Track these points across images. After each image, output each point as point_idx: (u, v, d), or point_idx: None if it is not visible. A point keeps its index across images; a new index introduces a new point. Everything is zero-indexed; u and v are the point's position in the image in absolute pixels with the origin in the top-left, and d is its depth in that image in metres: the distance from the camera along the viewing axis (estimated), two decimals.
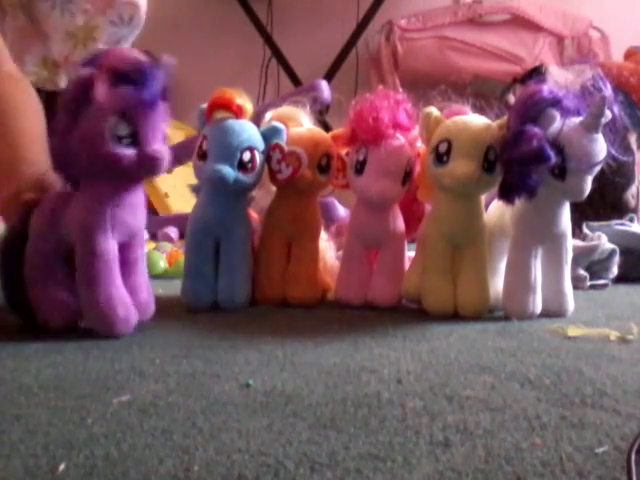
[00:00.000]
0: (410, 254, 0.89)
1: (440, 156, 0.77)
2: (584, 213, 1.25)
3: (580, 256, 1.10)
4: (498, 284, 0.82)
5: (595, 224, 1.28)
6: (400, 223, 0.87)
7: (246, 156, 0.80)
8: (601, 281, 1.13)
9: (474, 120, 0.78)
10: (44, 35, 0.63)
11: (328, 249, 0.97)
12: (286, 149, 0.83)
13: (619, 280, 1.18)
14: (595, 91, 0.73)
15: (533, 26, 2.37)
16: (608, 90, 0.72)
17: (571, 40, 2.37)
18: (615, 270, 1.16)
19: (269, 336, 0.67)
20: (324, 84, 1.96)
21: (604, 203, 1.48)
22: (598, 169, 0.74)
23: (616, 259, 1.16)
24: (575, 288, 0.84)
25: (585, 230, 1.25)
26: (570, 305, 0.81)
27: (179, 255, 1.16)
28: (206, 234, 0.83)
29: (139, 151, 0.61)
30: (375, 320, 0.78)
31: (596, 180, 0.74)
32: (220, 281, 0.83)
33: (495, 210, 0.85)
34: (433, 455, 0.36)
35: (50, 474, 0.33)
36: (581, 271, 1.10)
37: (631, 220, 1.37)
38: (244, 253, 0.85)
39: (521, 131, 0.71)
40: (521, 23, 2.38)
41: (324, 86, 1.95)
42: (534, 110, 0.72)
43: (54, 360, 0.56)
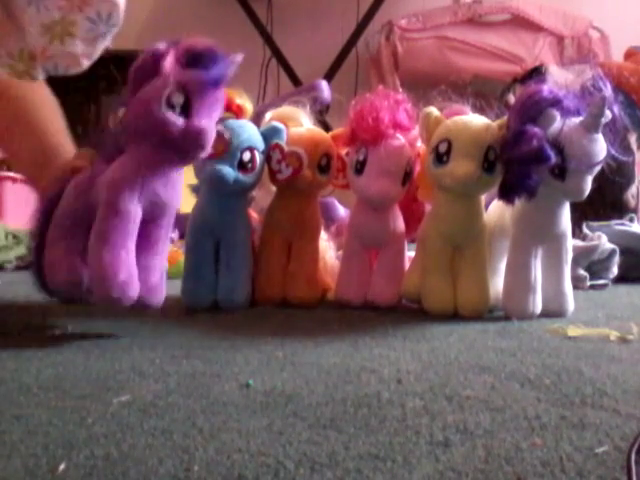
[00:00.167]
0: (410, 254, 0.89)
1: (440, 156, 0.77)
2: (584, 213, 1.24)
3: (580, 256, 1.10)
4: (498, 284, 0.82)
5: (595, 224, 1.28)
6: (400, 223, 0.87)
7: (246, 156, 0.80)
8: (601, 281, 1.13)
9: (474, 120, 0.78)
10: (20, 28, 0.63)
11: (328, 249, 0.97)
12: (286, 149, 0.83)
13: (619, 280, 1.18)
14: (595, 91, 0.73)
15: (533, 26, 2.37)
16: (608, 90, 0.72)
17: (571, 40, 2.37)
18: (615, 270, 1.16)
19: (269, 336, 0.67)
20: (324, 84, 1.96)
21: (604, 203, 1.48)
22: (598, 169, 0.74)
23: (616, 259, 1.16)
24: (575, 288, 0.85)
25: (585, 230, 1.25)
26: (570, 305, 0.81)
27: (179, 255, 1.16)
28: (206, 234, 0.83)
29: (187, 122, 0.62)
30: (375, 320, 0.78)
31: (596, 180, 0.74)
32: (220, 281, 0.83)
33: (495, 210, 0.85)
34: (433, 455, 0.36)
35: (50, 474, 0.33)
36: (581, 271, 1.10)
37: (631, 220, 1.37)
38: (244, 253, 0.85)
39: (521, 131, 0.71)
40: (521, 23, 2.38)
41: (324, 86, 1.95)
42: (534, 110, 0.72)
43: (54, 360, 0.56)
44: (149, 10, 2.69)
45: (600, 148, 0.72)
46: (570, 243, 0.80)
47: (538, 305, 0.79)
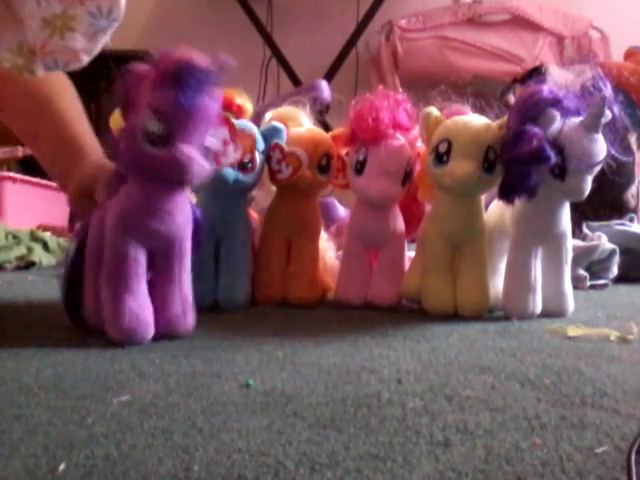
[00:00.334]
0: (410, 254, 0.89)
1: (440, 156, 0.77)
2: (584, 213, 1.25)
3: (580, 256, 1.10)
4: (498, 284, 0.82)
5: (595, 224, 1.28)
6: (400, 223, 0.87)
7: (246, 156, 0.80)
8: (601, 281, 1.13)
9: (474, 120, 0.78)
10: (19, 21, 0.62)
11: (328, 249, 0.97)
12: (286, 149, 0.83)
13: (619, 280, 1.18)
14: (595, 91, 0.73)
15: (533, 26, 2.37)
16: (608, 90, 0.72)
17: (571, 40, 2.37)
18: (615, 270, 1.16)
19: (269, 336, 0.67)
20: (324, 84, 1.96)
21: (604, 203, 1.48)
22: (598, 169, 0.74)
23: (616, 259, 1.16)
24: (575, 288, 0.85)
25: (585, 230, 1.25)
26: (570, 305, 0.81)
27: None
28: (206, 234, 0.83)
29: (166, 151, 0.59)
30: (375, 320, 0.78)
31: (596, 180, 0.74)
32: (220, 281, 0.83)
33: (495, 210, 0.85)
34: (433, 455, 0.36)
35: (50, 474, 0.33)
36: (581, 271, 1.10)
37: (631, 220, 1.38)
38: (244, 253, 0.85)
39: (521, 131, 0.71)
40: (521, 23, 2.38)
41: (324, 86, 1.95)
42: (534, 110, 0.72)
43: (54, 360, 0.56)
44: (149, 10, 2.69)
45: (600, 148, 0.72)
46: (570, 243, 0.80)
47: (538, 305, 0.79)
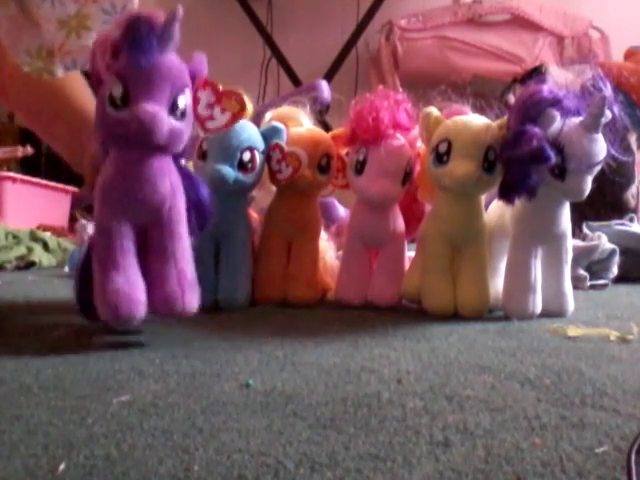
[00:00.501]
0: (410, 254, 0.89)
1: (440, 156, 0.77)
2: (584, 213, 1.25)
3: (580, 256, 1.10)
4: (498, 284, 0.82)
5: (595, 224, 1.28)
6: (400, 223, 0.87)
7: (246, 156, 0.80)
8: (601, 281, 1.13)
9: (474, 120, 0.78)
10: (36, 24, 0.62)
11: (328, 249, 0.97)
12: (286, 149, 0.83)
13: (619, 280, 1.18)
14: (595, 91, 0.73)
15: (533, 26, 2.37)
16: (608, 90, 0.72)
17: (571, 40, 2.37)
18: (615, 270, 1.16)
19: (269, 336, 0.67)
20: (324, 84, 1.97)
21: (604, 203, 1.49)
22: (598, 169, 0.74)
23: (616, 259, 1.16)
24: (575, 288, 0.84)
25: (585, 230, 1.25)
26: (570, 305, 0.81)
27: None
28: (206, 234, 0.83)
29: (128, 112, 0.57)
30: (375, 320, 0.78)
31: (596, 180, 0.74)
32: (220, 281, 0.83)
33: (495, 210, 0.85)
34: (433, 455, 0.36)
35: (50, 474, 0.33)
36: (581, 271, 1.10)
37: (631, 220, 1.38)
38: (244, 253, 0.85)
39: (521, 131, 0.71)
40: (521, 23, 2.38)
41: (324, 86, 1.95)
42: (534, 110, 0.72)
43: (54, 360, 0.56)
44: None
45: (600, 148, 0.72)
46: (570, 243, 0.80)
47: (538, 305, 0.79)
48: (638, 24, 2.36)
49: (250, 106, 0.83)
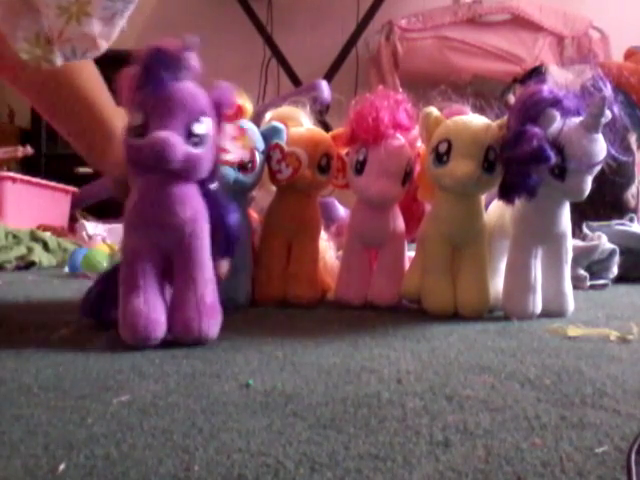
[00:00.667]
0: (410, 254, 0.89)
1: (440, 156, 0.77)
2: (584, 213, 1.25)
3: (580, 256, 1.10)
4: (498, 284, 0.82)
5: (595, 224, 1.29)
6: (400, 223, 0.87)
7: (247, 157, 0.80)
8: (601, 281, 1.13)
9: (474, 120, 0.78)
10: (35, 10, 0.62)
11: (328, 249, 0.97)
12: (286, 149, 0.83)
13: (619, 280, 1.18)
14: (595, 91, 0.73)
15: (533, 26, 2.37)
16: (608, 90, 0.72)
17: (571, 40, 2.37)
18: (615, 270, 1.16)
19: (269, 336, 0.67)
20: (324, 84, 1.96)
21: (604, 203, 1.49)
22: (598, 169, 0.74)
23: (616, 259, 1.16)
24: (575, 288, 0.84)
25: (585, 230, 1.25)
26: (570, 305, 0.81)
27: None
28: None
29: (144, 140, 0.58)
30: (375, 320, 0.78)
31: (596, 180, 0.74)
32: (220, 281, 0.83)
33: (495, 210, 0.85)
34: (433, 455, 0.36)
35: (50, 474, 0.33)
36: (581, 271, 1.10)
37: (631, 220, 1.38)
38: (244, 253, 0.85)
39: (521, 131, 0.71)
40: (521, 23, 2.38)
41: (324, 86, 1.95)
42: (534, 110, 0.72)
43: (54, 360, 0.56)
44: (149, 10, 2.69)
45: (600, 148, 0.72)
46: (570, 243, 0.80)
47: (538, 305, 0.79)
48: (638, 24, 2.36)
49: (250, 106, 0.84)
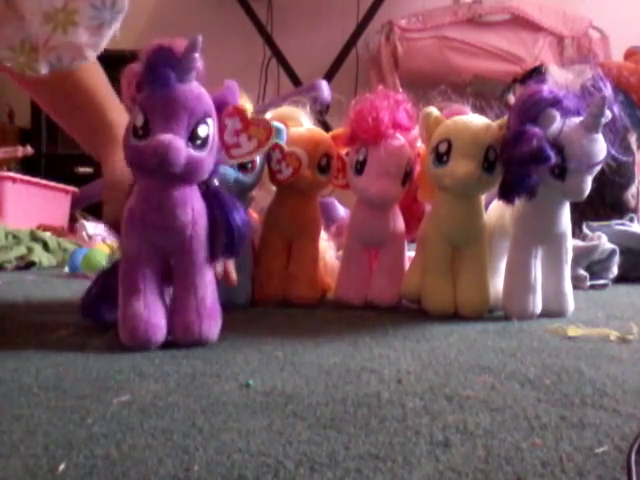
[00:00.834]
0: (410, 254, 0.89)
1: (440, 156, 0.77)
2: (584, 213, 1.25)
3: (580, 256, 1.10)
4: (498, 284, 0.82)
5: (595, 224, 1.28)
6: (400, 223, 0.87)
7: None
8: (601, 281, 1.13)
9: (474, 120, 0.78)
10: (20, 17, 0.61)
11: (328, 249, 0.97)
12: (286, 149, 0.83)
13: (619, 280, 1.18)
14: (595, 91, 0.73)
15: (533, 26, 2.37)
16: (608, 90, 0.72)
17: (571, 40, 2.37)
18: (615, 270, 1.16)
19: (269, 336, 0.67)
20: (324, 84, 1.96)
21: (604, 203, 1.49)
22: (598, 169, 0.74)
23: (616, 259, 1.16)
24: (575, 288, 0.84)
25: (585, 230, 1.25)
26: (570, 305, 0.81)
27: None
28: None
29: (145, 142, 0.58)
30: (375, 320, 0.78)
31: (596, 180, 0.74)
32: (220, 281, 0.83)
33: (495, 210, 0.85)
34: (433, 455, 0.36)
35: (50, 474, 0.33)
36: (581, 271, 1.10)
37: (631, 220, 1.38)
38: (244, 253, 0.85)
39: (521, 131, 0.71)
40: (521, 23, 2.38)
41: (324, 86, 1.95)
42: (534, 110, 0.72)
43: (54, 360, 0.56)
44: (149, 10, 2.70)
45: (600, 148, 0.72)
46: (570, 243, 0.80)
47: (538, 305, 0.79)
48: (638, 24, 2.36)
49: (250, 106, 0.84)
